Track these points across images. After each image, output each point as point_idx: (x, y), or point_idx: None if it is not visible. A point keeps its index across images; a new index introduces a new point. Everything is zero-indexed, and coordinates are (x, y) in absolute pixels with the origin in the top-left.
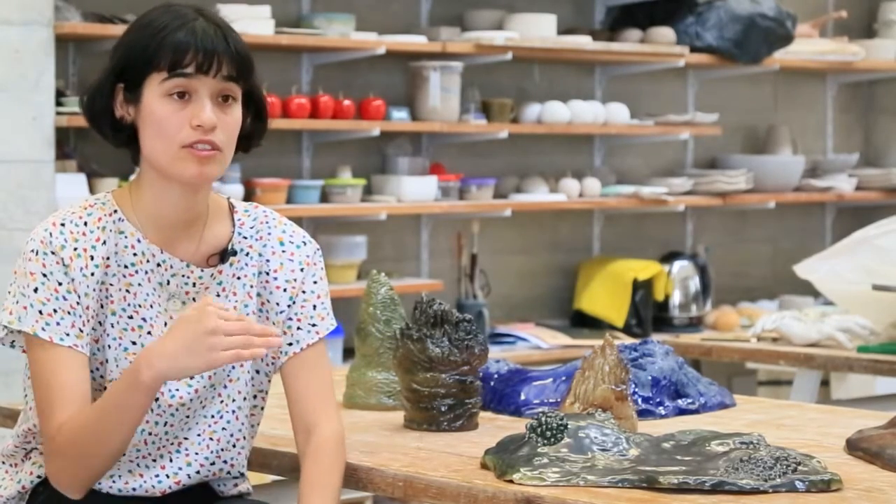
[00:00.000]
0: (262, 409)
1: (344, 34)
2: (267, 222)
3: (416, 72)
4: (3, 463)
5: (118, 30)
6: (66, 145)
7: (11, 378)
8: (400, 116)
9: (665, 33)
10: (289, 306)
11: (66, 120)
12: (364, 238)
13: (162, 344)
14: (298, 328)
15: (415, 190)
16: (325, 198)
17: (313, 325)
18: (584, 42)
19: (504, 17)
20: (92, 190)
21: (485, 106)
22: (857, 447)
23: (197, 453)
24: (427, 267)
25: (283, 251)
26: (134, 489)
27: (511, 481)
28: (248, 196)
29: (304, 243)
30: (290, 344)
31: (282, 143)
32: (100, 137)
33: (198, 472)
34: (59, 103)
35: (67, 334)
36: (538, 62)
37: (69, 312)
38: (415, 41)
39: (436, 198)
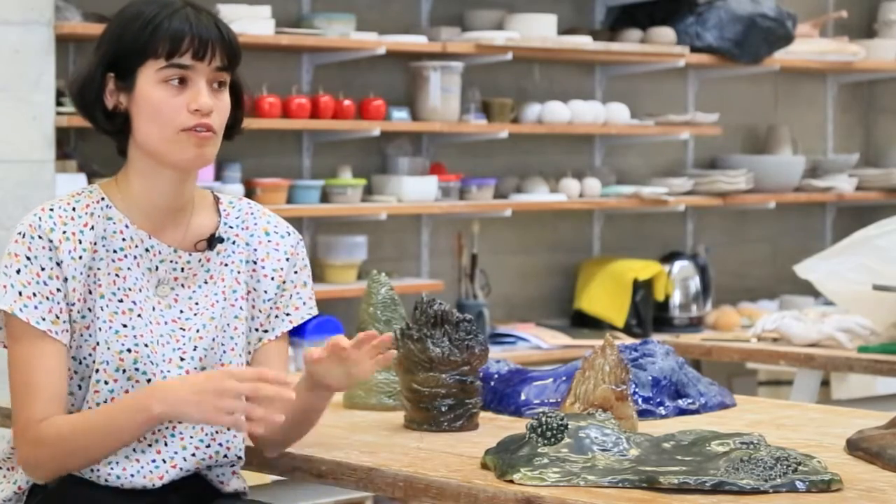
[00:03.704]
0: None
1: (344, 34)
2: (252, 213)
3: (416, 72)
4: (0, 467)
5: None
6: (66, 145)
7: None
8: (400, 116)
9: (665, 33)
10: (276, 294)
11: (66, 120)
12: (364, 238)
13: (178, 387)
14: (276, 316)
15: (415, 190)
16: (325, 198)
17: (287, 315)
18: (584, 42)
19: (504, 17)
20: None
21: (485, 106)
22: (857, 447)
23: (192, 437)
24: (427, 267)
25: (269, 241)
26: (132, 475)
27: (511, 481)
28: (249, 196)
29: (288, 233)
30: (266, 331)
31: (282, 143)
32: (99, 137)
33: (194, 455)
34: (59, 103)
35: (44, 318)
36: (538, 62)
37: (48, 298)
38: (415, 41)
39: (436, 198)
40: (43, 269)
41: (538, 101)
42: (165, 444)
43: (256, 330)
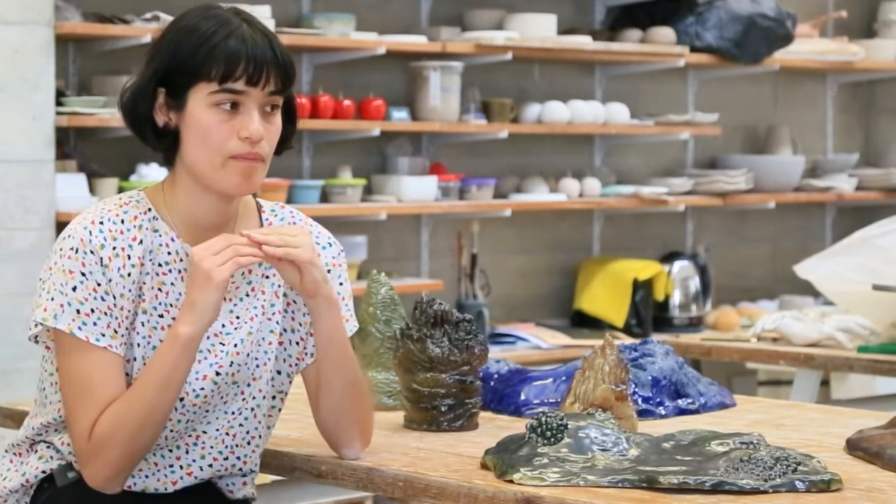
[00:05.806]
0: (280, 409)
1: (344, 34)
2: (294, 223)
3: (416, 72)
4: (8, 452)
5: (118, 30)
6: (66, 145)
7: (12, 378)
8: (400, 116)
9: (665, 33)
10: None
11: (66, 120)
12: (364, 238)
13: (183, 306)
14: None
15: (415, 190)
16: (325, 198)
17: None
18: (584, 42)
19: (504, 17)
20: (92, 190)
21: (485, 106)
22: (857, 447)
23: (212, 447)
24: (427, 267)
25: None
26: (146, 477)
27: (511, 481)
28: None
29: (330, 244)
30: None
31: None
32: (99, 137)
33: (210, 466)
34: (59, 103)
35: (103, 335)
36: (538, 62)
37: (106, 313)
38: (415, 41)
39: (436, 198)
40: (99, 285)
41: (538, 101)
42: (186, 452)
43: (298, 343)
